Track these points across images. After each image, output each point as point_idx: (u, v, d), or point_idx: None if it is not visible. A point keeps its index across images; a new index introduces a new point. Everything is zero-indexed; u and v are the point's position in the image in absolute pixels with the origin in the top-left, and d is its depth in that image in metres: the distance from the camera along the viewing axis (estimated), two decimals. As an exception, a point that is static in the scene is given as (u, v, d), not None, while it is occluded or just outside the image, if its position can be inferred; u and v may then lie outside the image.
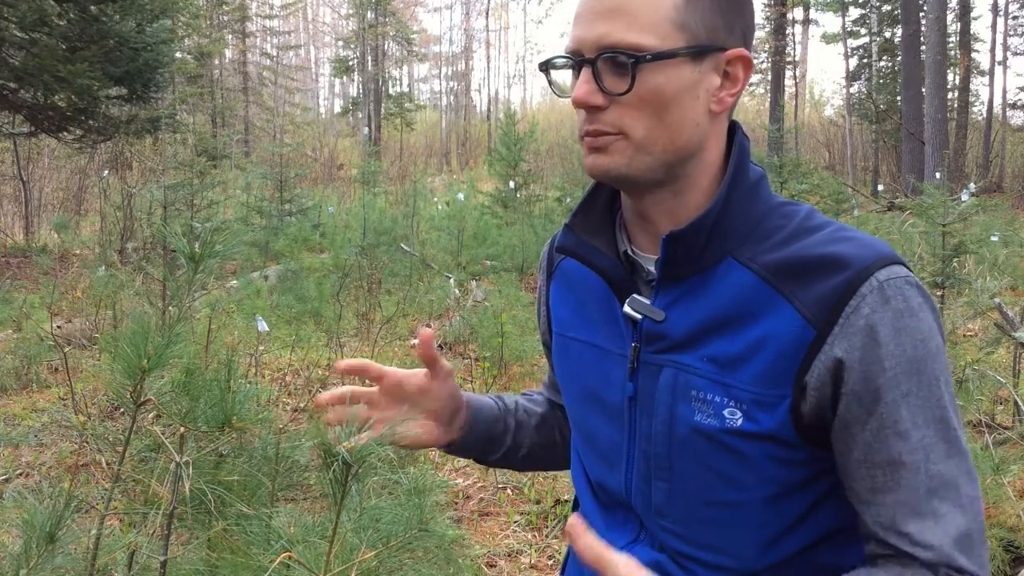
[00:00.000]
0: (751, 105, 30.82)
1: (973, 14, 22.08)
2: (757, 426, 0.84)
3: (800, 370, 0.82)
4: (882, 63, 24.18)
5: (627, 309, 0.92)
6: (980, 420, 3.87)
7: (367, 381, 1.07)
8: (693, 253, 0.88)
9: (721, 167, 0.92)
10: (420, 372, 1.07)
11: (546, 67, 0.93)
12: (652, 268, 0.93)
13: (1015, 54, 26.93)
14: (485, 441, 1.14)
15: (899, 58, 19.13)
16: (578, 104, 0.87)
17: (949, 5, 17.58)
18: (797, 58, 31.09)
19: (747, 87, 0.93)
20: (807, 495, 0.88)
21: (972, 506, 0.81)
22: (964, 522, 0.80)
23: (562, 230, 1.00)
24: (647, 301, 0.91)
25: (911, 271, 0.84)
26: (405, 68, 43.49)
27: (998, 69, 25.42)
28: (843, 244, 0.84)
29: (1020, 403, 3.88)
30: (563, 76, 0.94)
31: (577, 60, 0.87)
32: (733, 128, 0.93)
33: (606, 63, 0.85)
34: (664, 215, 0.91)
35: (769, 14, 24.30)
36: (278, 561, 1.04)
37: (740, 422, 0.85)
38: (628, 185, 0.91)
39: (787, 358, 0.83)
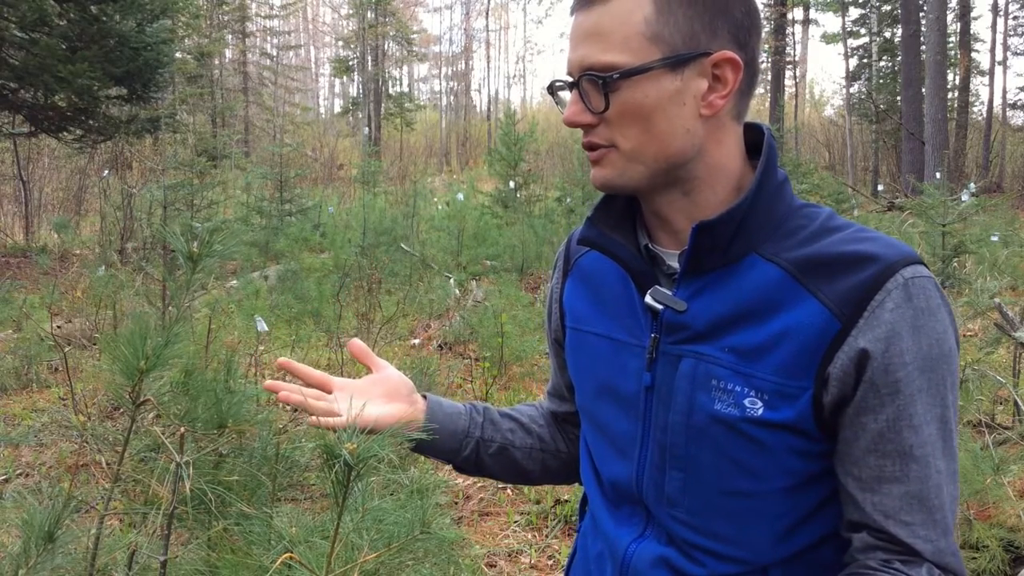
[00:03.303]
0: (751, 105, 30.68)
1: (973, 14, 22.09)
2: (778, 416, 0.86)
3: (823, 362, 0.84)
4: (882, 63, 24.15)
5: (648, 299, 0.94)
6: (980, 420, 3.86)
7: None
8: (719, 245, 0.89)
9: (738, 168, 0.94)
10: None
11: (551, 90, 0.98)
12: (673, 263, 0.95)
13: (1015, 54, 26.93)
14: (449, 433, 1.11)
15: (899, 58, 19.12)
16: (568, 124, 0.93)
17: (949, 5, 17.56)
18: (797, 58, 31.11)
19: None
20: (823, 487, 0.90)
21: (954, 507, 0.86)
22: (951, 523, 0.85)
23: (584, 223, 1.02)
24: (669, 292, 0.93)
25: (932, 273, 0.87)
26: (405, 68, 43.50)
27: (998, 69, 25.45)
28: (867, 243, 0.86)
29: (1020, 403, 3.88)
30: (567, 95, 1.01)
31: (568, 83, 0.93)
32: (759, 130, 0.96)
33: (588, 83, 0.89)
34: (679, 214, 0.94)
35: (769, 14, 24.26)
36: (280, 562, 1.04)
37: (761, 411, 0.86)
38: (630, 193, 0.95)
39: (810, 350, 0.85)
